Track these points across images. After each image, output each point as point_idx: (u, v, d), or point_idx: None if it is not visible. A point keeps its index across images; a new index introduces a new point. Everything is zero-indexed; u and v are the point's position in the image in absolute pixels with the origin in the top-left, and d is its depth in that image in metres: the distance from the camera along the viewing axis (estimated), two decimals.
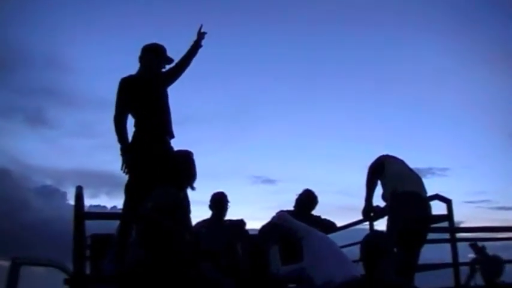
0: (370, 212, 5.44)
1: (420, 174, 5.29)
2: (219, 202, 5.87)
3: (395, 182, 5.05)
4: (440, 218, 5.55)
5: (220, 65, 23.28)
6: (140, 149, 4.81)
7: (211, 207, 5.89)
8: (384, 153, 5.42)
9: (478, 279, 5.79)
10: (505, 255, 5.84)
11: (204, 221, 5.82)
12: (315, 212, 6.38)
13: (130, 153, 4.77)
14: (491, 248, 5.98)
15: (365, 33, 21.13)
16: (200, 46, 5.24)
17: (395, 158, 5.31)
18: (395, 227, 4.78)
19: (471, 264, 5.86)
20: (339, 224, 6.52)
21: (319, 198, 6.39)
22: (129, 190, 4.74)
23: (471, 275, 5.80)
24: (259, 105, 23.52)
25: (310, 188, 6.43)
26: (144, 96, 4.96)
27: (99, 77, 22.15)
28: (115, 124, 4.91)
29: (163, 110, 5.06)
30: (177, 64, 5.17)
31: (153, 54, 5.09)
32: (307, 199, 6.31)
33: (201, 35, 5.27)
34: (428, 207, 5.05)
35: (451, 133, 24.05)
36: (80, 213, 4.13)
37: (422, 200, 4.99)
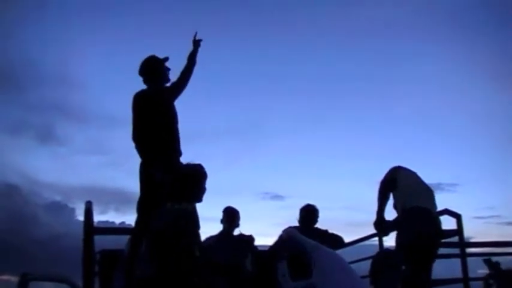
0: (382, 224, 5.36)
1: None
2: (232, 216, 5.88)
3: (405, 197, 5.02)
4: (450, 232, 5.51)
5: (229, 81, 23.49)
6: (157, 165, 4.76)
7: (223, 220, 5.90)
8: (397, 164, 5.35)
9: None
10: None
11: (213, 236, 5.83)
12: (322, 227, 6.38)
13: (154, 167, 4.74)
14: (501, 262, 5.94)
15: (373, 49, 21.18)
16: (196, 54, 5.28)
17: (407, 170, 5.24)
18: (404, 243, 4.76)
19: (486, 279, 5.80)
20: (347, 239, 6.51)
21: (328, 214, 6.41)
22: (142, 207, 4.74)
23: None
24: (269, 121, 23.59)
25: (319, 203, 6.44)
26: (160, 114, 4.94)
27: (109, 94, 22.35)
28: (138, 141, 4.81)
29: (176, 128, 5.08)
30: (180, 77, 5.21)
31: (155, 74, 5.06)
32: (307, 213, 6.32)
33: (197, 43, 5.31)
34: (438, 223, 5.02)
35: (460, 148, 23.91)
36: (90, 227, 4.15)
37: (432, 216, 4.95)
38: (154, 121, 4.88)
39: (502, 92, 18.53)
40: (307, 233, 5.10)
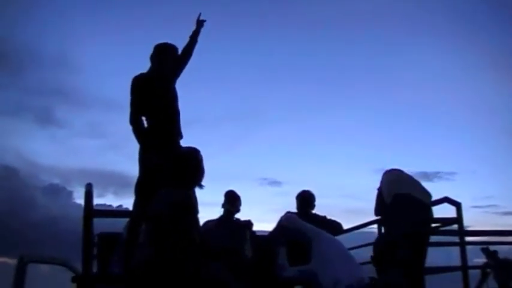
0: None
1: (428, 178, 5.30)
2: (232, 200, 5.89)
3: (389, 186, 5.01)
4: (449, 220, 5.51)
5: (228, 67, 23.39)
6: (153, 150, 4.75)
7: (224, 204, 5.90)
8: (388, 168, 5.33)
9: (490, 284, 5.75)
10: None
11: (212, 221, 5.84)
12: (320, 213, 6.39)
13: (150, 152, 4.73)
14: (499, 251, 5.97)
15: (373, 39, 21.13)
16: (199, 33, 5.29)
17: (389, 176, 5.23)
18: (392, 231, 4.75)
19: (483, 268, 5.83)
20: (345, 227, 6.51)
21: (325, 201, 6.42)
22: (140, 189, 4.73)
23: (483, 279, 5.76)
24: (267, 108, 23.53)
25: (317, 190, 6.46)
26: (158, 97, 4.92)
27: (108, 77, 22.27)
28: (134, 125, 4.81)
29: (175, 110, 5.05)
30: (182, 55, 5.18)
31: (167, 57, 5.02)
32: (303, 199, 6.34)
33: (200, 23, 5.30)
34: (423, 210, 4.96)
35: (459, 137, 23.97)
36: (90, 209, 4.12)
37: (416, 203, 4.91)
38: (151, 104, 4.86)
39: (501, 83, 18.53)
40: (305, 219, 5.12)
